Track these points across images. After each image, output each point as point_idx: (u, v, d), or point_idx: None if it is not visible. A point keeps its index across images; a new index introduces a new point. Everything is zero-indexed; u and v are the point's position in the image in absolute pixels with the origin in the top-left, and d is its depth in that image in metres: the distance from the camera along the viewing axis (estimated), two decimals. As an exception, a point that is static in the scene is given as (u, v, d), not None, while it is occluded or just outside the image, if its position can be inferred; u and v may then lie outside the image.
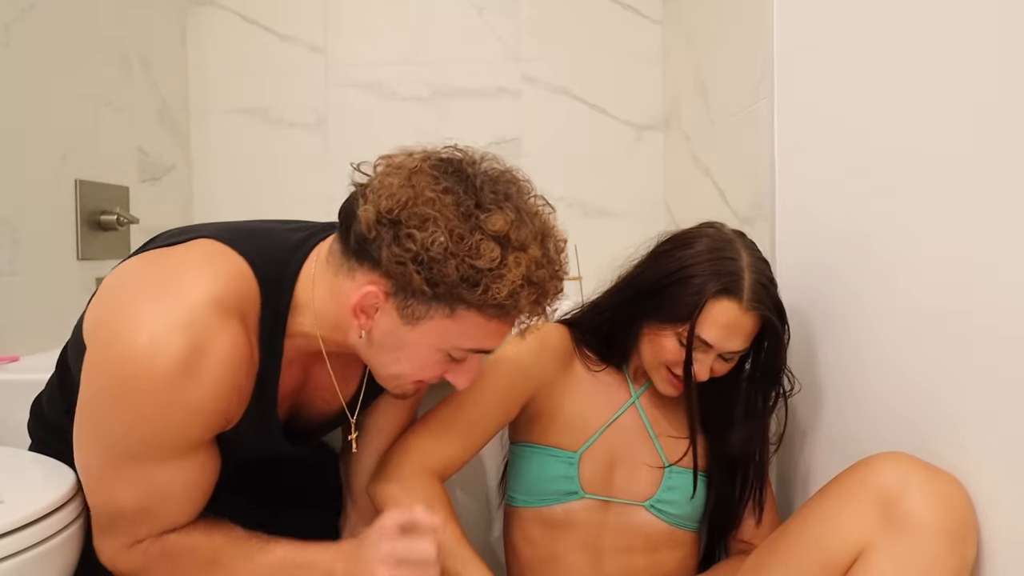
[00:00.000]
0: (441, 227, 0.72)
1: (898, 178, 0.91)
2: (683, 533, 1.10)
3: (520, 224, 0.75)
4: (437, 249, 0.72)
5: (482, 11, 2.18)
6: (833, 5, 1.10)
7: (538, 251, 0.76)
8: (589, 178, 2.19)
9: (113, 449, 0.80)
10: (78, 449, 0.83)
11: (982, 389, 0.77)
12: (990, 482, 0.76)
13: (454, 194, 0.74)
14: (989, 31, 0.75)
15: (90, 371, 0.79)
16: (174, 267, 0.83)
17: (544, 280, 0.77)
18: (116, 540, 0.84)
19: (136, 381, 0.74)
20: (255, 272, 0.82)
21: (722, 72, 1.64)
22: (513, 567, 1.14)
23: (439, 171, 0.76)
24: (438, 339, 0.79)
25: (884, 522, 0.77)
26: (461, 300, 0.75)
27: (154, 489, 0.81)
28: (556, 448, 1.08)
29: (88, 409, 0.80)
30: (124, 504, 0.81)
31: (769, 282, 1.01)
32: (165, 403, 0.75)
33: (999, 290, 0.74)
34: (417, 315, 0.77)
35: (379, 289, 0.77)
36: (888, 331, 0.94)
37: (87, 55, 1.71)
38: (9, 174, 1.46)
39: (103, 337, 0.79)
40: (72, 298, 1.63)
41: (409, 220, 0.73)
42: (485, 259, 0.73)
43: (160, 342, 0.74)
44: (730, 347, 1.00)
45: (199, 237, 0.85)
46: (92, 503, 0.84)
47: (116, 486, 0.81)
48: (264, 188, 2.21)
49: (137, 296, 0.79)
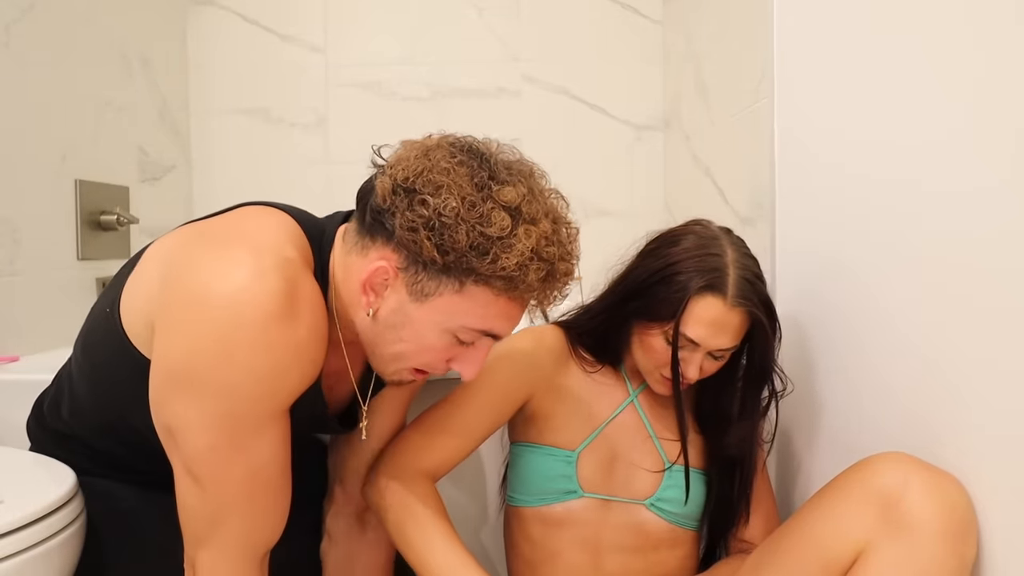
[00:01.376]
0: (454, 193, 0.73)
1: (898, 177, 0.91)
2: (683, 532, 1.10)
3: (532, 199, 0.77)
4: (449, 214, 0.73)
5: (482, 11, 2.18)
6: (833, 5, 1.10)
7: (549, 227, 0.77)
8: (589, 178, 2.19)
9: (218, 420, 0.74)
10: (173, 445, 0.76)
11: (982, 389, 0.77)
12: (990, 482, 0.76)
13: (468, 167, 0.76)
14: (989, 30, 0.75)
15: (176, 342, 0.74)
16: (233, 224, 0.83)
17: (554, 258, 0.77)
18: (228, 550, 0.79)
19: (239, 328, 0.71)
20: (303, 229, 0.83)
21: (722, 72, 1.64)
22: (513, 566, 1.14)
23: (456, 148, 0.78)
24: (445, 317, 0.78)
25: (884, 522, 0.77)
26: (471, 270, 0.74)
27: (261, 464, 0.77)
28: (554, 447, 1.08)
29: (179, 387, 0.74)
30: (236, 491, 0.77)
31: (756, 278, 1.00)
32: (272, 346, 0.72)
33: (999, 289, 0.74)
34: (427, 291, 0.77)
35: (389, 264, 0.77)
36: (888, 331, 0.94)
37: (87, 55, 1.71)
38: (9, 174, 1.46)
39: (186, 298, 0.73)
40: (72, 298, 1.63)
41: (424, 188, 0.74)
42: (496, 227, 0.73)
43: (258, 284, 0.71)
44: (717, 344, 0.99)
45: (229, 210, 0.86)
46: (201, 500, 0.77)
47: (228, 466, 0.76)
48: (264, 188, 2.20)
49: (210, 250, 0.76)
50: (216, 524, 0.78)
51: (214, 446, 0.75)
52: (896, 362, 0.92)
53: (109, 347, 0.84)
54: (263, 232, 0.80)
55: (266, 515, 0.81)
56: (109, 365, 0.86)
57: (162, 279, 0.79)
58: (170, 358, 0.75)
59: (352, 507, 1.06)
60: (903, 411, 0.91)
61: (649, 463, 1.09)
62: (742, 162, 1.48)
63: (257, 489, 0.79)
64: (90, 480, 0.94)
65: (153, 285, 0.80)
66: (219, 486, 0.77)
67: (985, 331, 0.76)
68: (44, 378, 1.04)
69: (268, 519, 0.82)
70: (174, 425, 0.76)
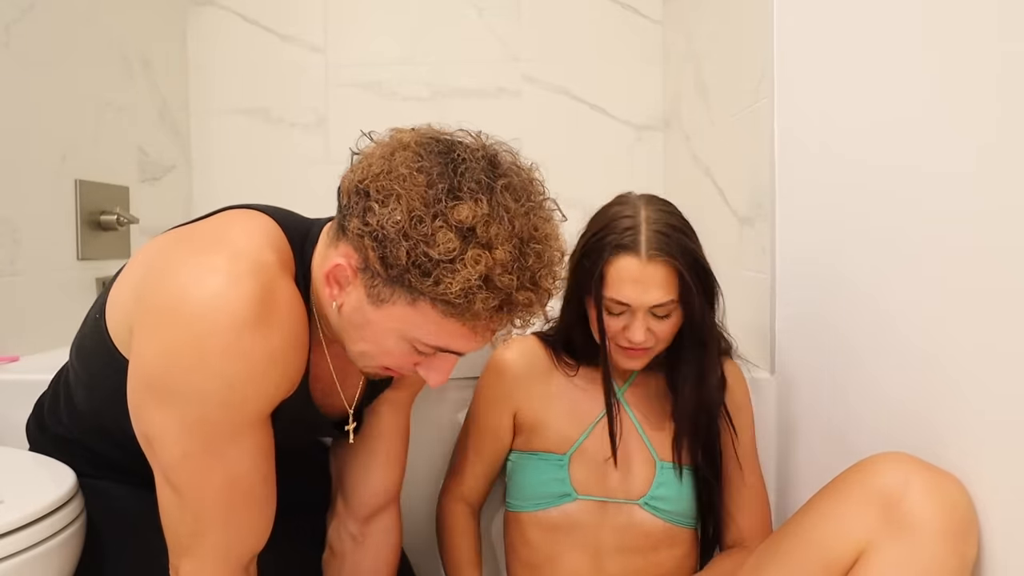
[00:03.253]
0: (402, 205, 0.69)
1: (898, 177, 0.91)
2: (680, 530, 1.10)
3: (493, 221, 0.69)
4: (391, 228, 0.68)
5: (482, 11, 2.18)
6: (833, 5, 1.10)
7: (508, 255, 0.69)
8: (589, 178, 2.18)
9: (192, 427, 0.73)
10: (152, 451, 0.76)
11: (983, 388, 0.77)
12: (991, 482, 0.76)
13: (427, 175, 0.70)
14: (989, 30, 0.75)
15: (150, 348, 0.73)
16: (214, 228, 0.81)
17: (510, 288, 0.70)
18: (207, 558, 0.78)
19: (212, 335, 0.70)
20: (285, 233, 0.82)
21: (722, 72, 1.64)
22: (513, 570, 1.14)
23: (425, 150, 0.73)
24: (399, 326, 0.75)
25: (885, 522, 0.77)
26: (413, 288, 0.70)
27: (239, 471, 0.76)
28: (545, 452, 1.10)
29: (152, 393, 0.74)
30: (215, 498, 0.76)
31: (672, 229, 0.99)
32: (245, 354, 0.71)
33: (1000, 289, 0.74)
34: (382, 297, 0.73)
35: (348, 263, 0.74)
36: (889, 330, 0.94)
37: (87, 55, 1.71)
38: (9, 174, 1.45)
39: (160, 304, 0.73)
40: (72, 298, 1.63)
41: (376, 194, 0.70)
42: (440, 249, 0.68)
43: (232, 290, 0.70)
44: (647, 301, 0.98)
45: (213, 214, 0.85)
46: (181, 507, 0.77)
47: (205, 473, 0.75)
48: (264, 188, 2.20)
49: (187, 257, 0.75)
50: (197, 534, 0.77)
51: (189, 453, 0.74)
52: (896, 362, 0.92)
53: (100, 354, 0.83)
54: (242, 237, 0.78)
55: (248, 524, 0.80)
56: (102, 372, 0.85)
57: (141, 284, 0.78)
58: (145, 364, 0.74)
59: (354, 519, 1.05)
60: (903, 411, 0.91)
61: (639, 460, 1.09)
62: (742, 162, 1.48)
63: (236, 498, 0.78)
64: (90, 481, 0.94)
65: (133, 290, 0.80)
66: (197, 495, 0.76)
67: (986, 331, 0.76)
68: (44, 378, 1.04)
69: (250, 528, 0.80)
70: (151, 433, 0.76)
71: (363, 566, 1.05)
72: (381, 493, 1.04)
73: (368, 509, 1.04)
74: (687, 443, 1.09)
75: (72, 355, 0.93)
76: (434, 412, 1.25)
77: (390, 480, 1.05)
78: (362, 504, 1.04)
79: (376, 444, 1.03)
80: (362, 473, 1.04)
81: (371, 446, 1.03)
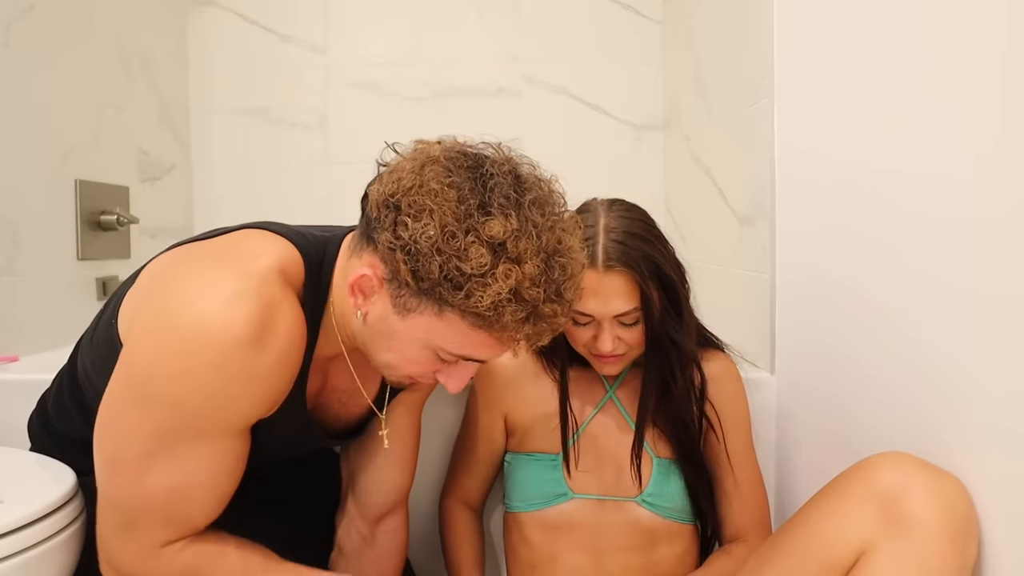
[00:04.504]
0: (435, 220, 0.70)
1: (899, 176, 0.91)
2: (679, 527, 1.10)
3: (522, 236, 0.71)
4: (425, 242, 0.70)
5: (482, 12, 2.18)
6: (833, 5, 1.10)
7: (536, 268, 0.72)
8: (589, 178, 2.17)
9: (159, 430, 0.76)
10: (107, 438, 0.79)
11: (983, 388, 0.77)
12: (991, 482, 0.76)
13: (459, 190, 0.72)
14: (989, 30, 0.75)
15: (141, 347, 0.77)
16: (226, 246, 0.84)
17: (537, 300, 0.72)
18: (138, 542, 0.80)
19: (203, 349, 0.73)
20: (300, 252, 0.83)
21: (722, 72, 1.64)
22: (513, 570, 1.14)
23: (455, 164, 0.74)
24: (425, 335, 0.77)
25: (885, 522, 0.77)
26: (444, 301, 0.72)
27: (188, 477, 0.79)
28: (539, 452, 1.11)
29: (131, 389, 0.77)
30: (153, 495, 0.78)
31: (628, 236, 0.98)
32: (230, 371, 0.74)
33: (1000, 288, 0.74)
34: (408, 307, 0.75)
35: (374, 273, 0.76)
36: (889, 330, 0.94)
37: (87, 55, 1.71)
38: (9, 174, 1.46)
39: (161, 309, 0.76)
40: (72, 298, 1.63)
41: (408, 208, 0.72)
42: (472, 263, 0.70)
43: (231, 309, 0.73)
44: (610, 311, 0.97)
45: (231, 231, 0.87)
46: (114, 498, 0.80)
47: (149, 474, 0.77)
48: (264, 188, 2.21)
49: (197, 270, 0.78)
50: (129, 523, 0.80)
51: (149, 453, 0.77)
52: (896, 361, 0.92)
53: (113, 360, 0.84)
54: (258, 254, 0.80)
55: (190, 518, 0.82)
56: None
57: (147, 294, 0.82)
58: (133, 362, 0.78)
59: (364, 519, 1.06)
60: (903, 411, 0.91)
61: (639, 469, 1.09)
62: (742, 162, 1.48)
63: (178, 503, 0.80)
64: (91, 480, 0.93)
65: (139, 301, 0.83)
66: (142, 492, 0.78)
67: (986, 330, 0.76)
68: (44, 378, 1.04)
69: (192, 516, 0.82)
70: (115, 424, 0.79)
71: (371, 566, 1.06)
72: (393, 493, 1.06)
73: (379, 510, 1.06)
74: (667, 441, 1.10)
75: (82, 355, 0.93)
76: (435, 413, 1.25)
77: (402, 481, 1.06)
78: (373, 505, 1.05)
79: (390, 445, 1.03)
80: (375, 474, 1.04)
81: (384, 448, 1.03)
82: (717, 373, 1.13)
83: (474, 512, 1.20)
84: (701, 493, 1.10)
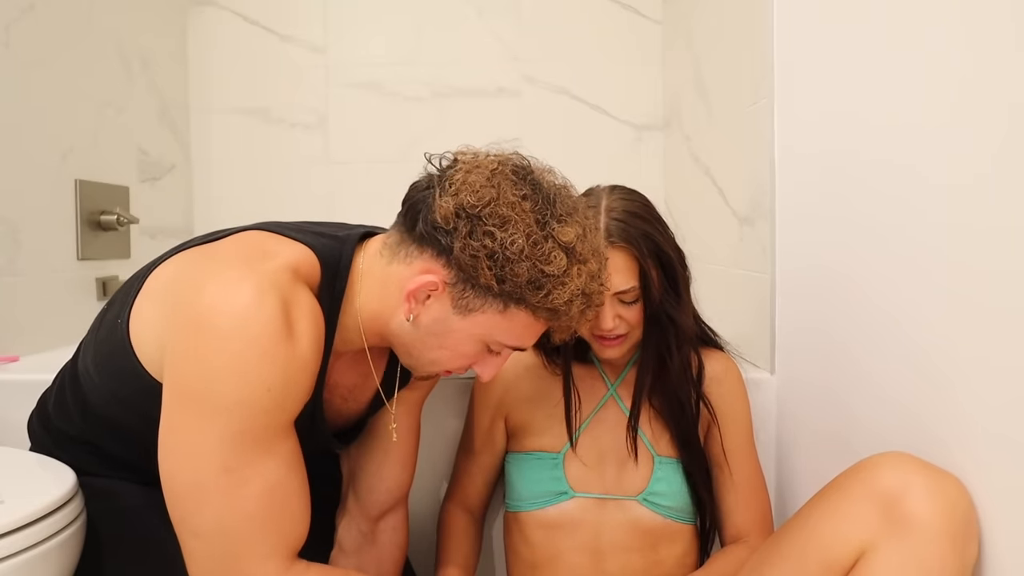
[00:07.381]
0: (520, 230, 0.78)
1: (899, 176, 0.91)
2: (680, 527, 1.10)
3: (584, 238, 0.82)
4: (514, 250, 0.78)
5: (482, 12, 2.18)
6: (833, 5, 1.10)
7: (596, 266, 0.83)
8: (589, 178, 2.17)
9: (230, 437, 0.75)
10: (179, 469, 0.77)
11: (983, 388, 0.77)
12: (991, 482, 0.76)
13: (532, 201, 0.80)
14: (989, 30, 0.75)
15: (187, 361, 0.76)
16: (236, 247, 0.85)
17: (594, 293, 0.83)
18: (253, 571, 0.78)
19: (250, 342, 0.74)
20: (315, 253, 0.85)
21: (722, 72, 1.64)
22: (514, 570, 1.14)
23: (517, 176, 0.82)
24: (484, 331, 0.83)
25: (885, 522, 0.77)
26: (522, 300, 0.80)
27: (271, 478, 0.78)
28: (540, 451, 1.11)
29: (191, 406, 0.76)
30: (247, 508, 0.76)
31: (631, 216, 1.01)
32: (281, 360, 0.75)
33: (1001, 288, 0.74)
34: (471, 307, 0.81)
35: (439, 278, 0.81)
36: (889, 330, 0.94)
37: (87, 55, 1.71)
38: (9, 174, 1.45)
39: (192, 318, 0.76)
40: (72, 298, 1.63)
41: (490, 218, 0.78)
42: (554, 266, 0.79)
43: (261, 302, 0.75)
44: (611, 287, 0.97)
45: (238, 232, 0.88)
46: (209, 532, 0.77)
47: (236, 488, 0.76)
48: (264, 188, 2.21)
49: (214, 270, 0.79)
50: (235, 552, 0.78)
51: (229, 467, 0.76)
52: (897, 361, 0.92)
53: (121, 365, 0.85)
54: (265, 257, 0.81)
55: (291, 522, 0.81)
56: (122, 383, 0.86)
57: (171, 303, 0.81)
58: (185, 384, 0.77)
59: (365, 517, 1.07)
60: (903, 411, 0.91)
61: (638, 457, 1.09)
62: (742, 162, 1.48)
63: (275, 507, 0.79)
64: (91, 480, 0.94)
65: (162, 308, 0.82)
66: (235, 508, 0.76)
67: (987, 330, 0.76)
68: (44, 378, 1.04)
69: (293, 525, 0.82)
70: (186, 451, 0.77)
71: (372, 563, 1.06)
72: (394, 490, 1.07)
73: (380, 507, 1.06)
74: (665, 426, 1.09)
75: (87, 355, 0.93)
76: (435, 415, 1.25)
77: (402, 478, 1.07)
78: (374, 502, 1.06)
79: (390, 443, 1.04)
80: (376, 471, 1.05)
81: (386, 445, 1.05)
82: (719, 373, 1.13)
83: (472, 515, 1.20)
84: (700, 483, 1.10)
